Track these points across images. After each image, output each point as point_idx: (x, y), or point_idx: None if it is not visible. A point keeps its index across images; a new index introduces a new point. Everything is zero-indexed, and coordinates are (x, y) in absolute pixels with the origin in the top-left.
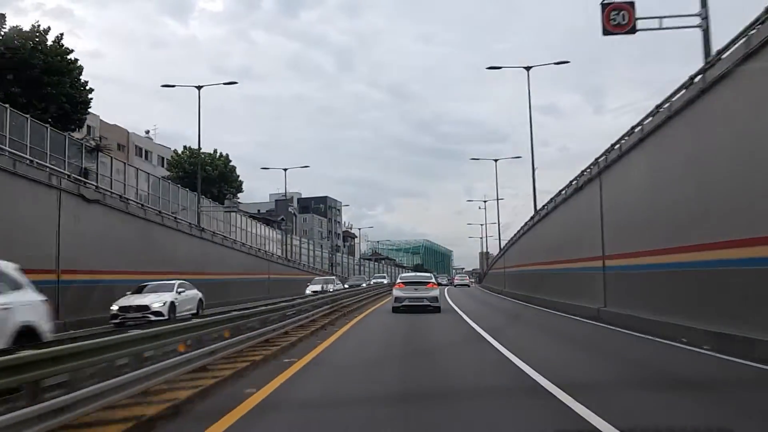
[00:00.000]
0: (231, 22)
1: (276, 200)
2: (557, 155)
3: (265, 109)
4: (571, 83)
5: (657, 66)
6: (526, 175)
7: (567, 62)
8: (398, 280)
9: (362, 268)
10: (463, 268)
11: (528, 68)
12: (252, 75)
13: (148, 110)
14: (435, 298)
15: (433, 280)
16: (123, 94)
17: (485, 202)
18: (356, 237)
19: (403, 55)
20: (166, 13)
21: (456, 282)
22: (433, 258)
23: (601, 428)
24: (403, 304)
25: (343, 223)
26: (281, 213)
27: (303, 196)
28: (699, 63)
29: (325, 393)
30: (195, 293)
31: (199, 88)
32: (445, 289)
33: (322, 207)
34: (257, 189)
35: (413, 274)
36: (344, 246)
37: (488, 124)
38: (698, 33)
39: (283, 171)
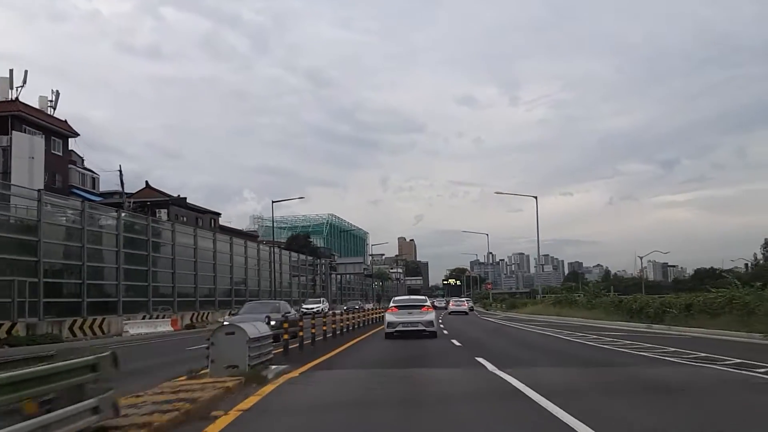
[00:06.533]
0: None
1: None
2: (472, 147)
3: (174, 91)
4: (487, 75)
5: (568, 60)
6: (442, 166)
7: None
8: (391, 304)
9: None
10: (383, 254)
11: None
12: (161, 54)
13: (44, 90)
14: (431, 323)
15: (428, 303)
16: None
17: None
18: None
19: (321, 39)
20: None
21: (452, 308)
22: (341, 241)
23: None
24: (396, 329)
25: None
26: None
27: None
28: (610, 58)
29: None
30: None
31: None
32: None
33: None
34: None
35: (407, 297)
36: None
37: (406, 114)
38: (607, 28)
39: None
